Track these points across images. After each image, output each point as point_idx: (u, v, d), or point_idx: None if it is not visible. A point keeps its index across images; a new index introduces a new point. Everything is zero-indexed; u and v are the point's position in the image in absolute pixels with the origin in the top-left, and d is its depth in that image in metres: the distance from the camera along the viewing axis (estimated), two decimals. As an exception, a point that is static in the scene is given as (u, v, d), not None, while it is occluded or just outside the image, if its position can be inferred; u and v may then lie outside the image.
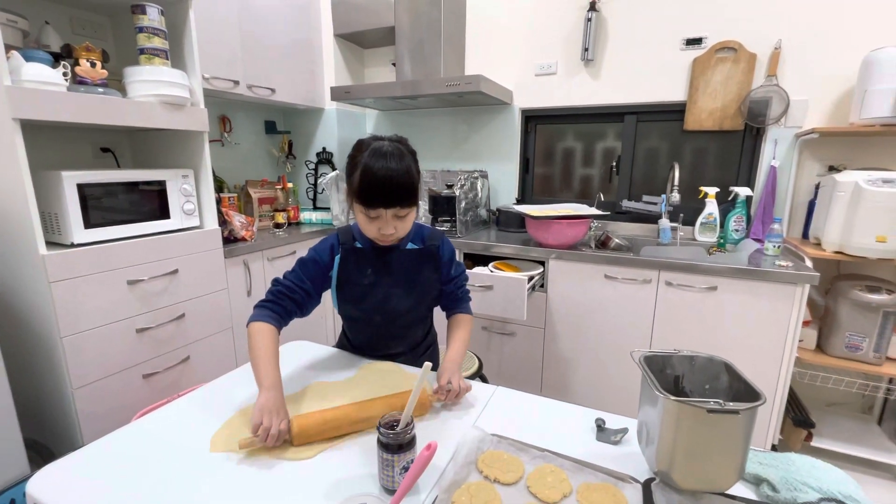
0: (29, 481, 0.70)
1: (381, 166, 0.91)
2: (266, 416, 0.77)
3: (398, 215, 0.95)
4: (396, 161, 0.92)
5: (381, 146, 0.94)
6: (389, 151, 0.93)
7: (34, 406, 1.51)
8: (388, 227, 0.95)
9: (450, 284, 1.14)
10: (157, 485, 0.70)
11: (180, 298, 1.69)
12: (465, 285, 1.18)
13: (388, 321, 1.10)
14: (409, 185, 0.94)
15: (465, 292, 1.18)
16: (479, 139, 2.60)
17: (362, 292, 1.07)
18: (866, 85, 1.66)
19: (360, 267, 1.06)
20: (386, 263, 1.07)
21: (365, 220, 0.96)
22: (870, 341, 1.68)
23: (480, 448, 0.76)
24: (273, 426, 0.75)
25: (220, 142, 2.37)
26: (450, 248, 1.14)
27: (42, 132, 1.63)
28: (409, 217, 0.98)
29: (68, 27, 1.69)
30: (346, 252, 1.06)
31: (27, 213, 1.29)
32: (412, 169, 0.96)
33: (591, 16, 2.13)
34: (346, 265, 1.06)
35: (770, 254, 1.76)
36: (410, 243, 1.09)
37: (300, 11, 2.38)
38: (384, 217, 0.94)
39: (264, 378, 0.85)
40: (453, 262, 1.15)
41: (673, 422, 0.62)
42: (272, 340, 0.93)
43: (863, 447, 1.77)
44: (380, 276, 1.07)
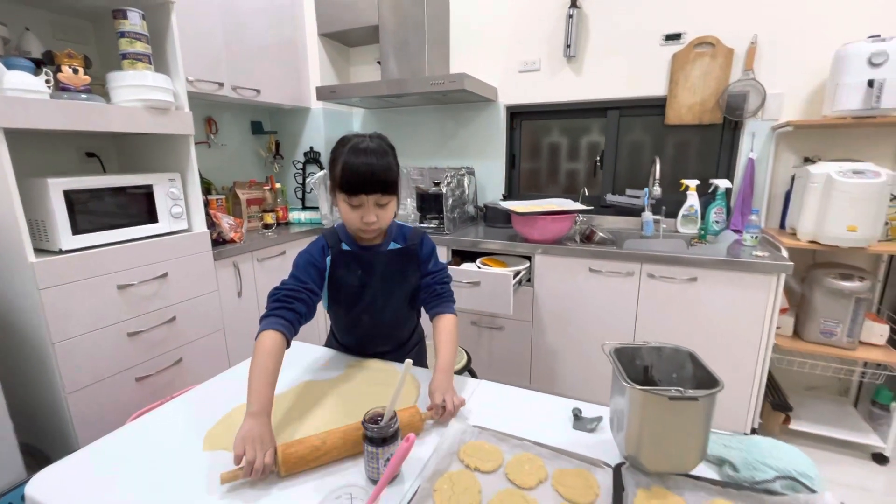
0: (28, 483, 0.72)
1: (361, 157, 0.97)
2: (249, 446, 0.71)
3: (379, 203, 1.00)
4: (376, 152, 0.98)
5: (362, 141, 1.00)
6: (369, 145, 0.99)
7: (29, 411, 1.53)
8: (369, 214, 0.99)
9: (428, 277, 1.13)
10: (153, 484, 0.73)
11: (171, 301, 1.70)
12: (447, 282, 1.16)
13: (374, 321, 1.14)
14: (389, 172, 0.99)
15: (447, 289, 1.15)
16: (465, 136, 2.62)
17: (350, 294, 1.11)
18: (837, 79, 1.71)
19: (350, 269, 1.09)
20: (372, 264, 1.10)
21: (348, 209, 1.01)
22: (843, 327, 1.74)
23: (463, 439, 0.79)
24: (258, 459, 0.70)
25: (207, 143, 2.38)
26: (430, 245, 1.16)
27: (26, 138, 1.63)
28: (389, 206, 1.02)
29: (49, 32, 1.69)
30: (334, 255, 1.09)
31: (14, 221, 1.29)
32: (391, 159, 1.01)
33: (572, 13, 2.15)
34: (336, 267, 1.09)
35: (748, 244, 1.81)
36: (393, 243, 1.12)
37: (283, 11, 2.38)
38: (366, 205, 0.99)
39: (253, 402, 0.79)
40: (433, 258, 1.16)
41: (639, 409, 0.66)
42: (275, 356, 0.87)
43: (839, 429, 1.84)
44: (367, 278, 1.10)
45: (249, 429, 0.74)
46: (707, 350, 1.75)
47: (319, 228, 2.46)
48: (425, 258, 1.15)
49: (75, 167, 1.80)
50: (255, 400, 0.80)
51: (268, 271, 2.16)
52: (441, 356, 1.00)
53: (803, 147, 1.96)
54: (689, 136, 2.22)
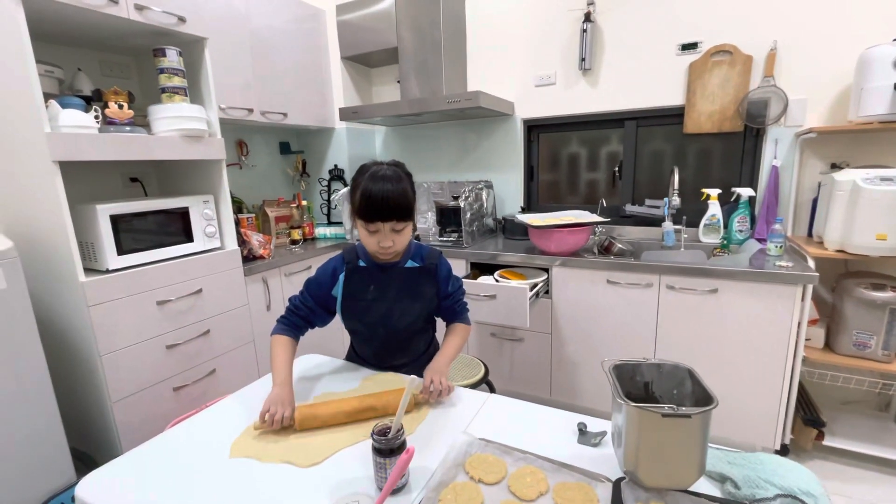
0: (77, 486, 0.81)
1: (378, 186, 1.03)
2: (273, 405, 0.94)
3: (395, 229, 1.06)
4: (392, 181, 1.05)
5: (379, 169, 1.07)
6: (386, 173, 1.05)
7: (78, 418, 1.66)
8: (386, 239, 1.06)
9: (448, 300, 1.23)
10: (186, 488, 0.80)
11: (205, 315, 1.82)
12: (463, 298, 1.27)
13: (390, 334, 1.20)
14: (404, 201, 1.06)
15: (463, 305, 1.26)
16: (484, 150, 2.67)
17: (366, 307, 1.17)
18: (862, 83, 1.66)
19: (364, 284, 1.17)
20: (388, 280, 1.17)
21: (366, 234, 1.08)
22: (878, 339, 1.67)
23: (468, 451, 0.83)
24: (277, 413, 0.92)
25: (238, 165, 2.52)
26: (447, 266, 1.24)
27: (77, 168, 1.78)
28: (405, 231, 1.09)
29: (98, 69, 1.86)
30: (350, 270, 1.17)
31: (67, 244, 1.43)
32: (407, 187, 1.08)
33: (586, 27, 2.18)
34: (350, 283, 1.17)
35: (772, 254, 1.77)
36: (410, 261, 1.19)
37: (308, 37, 2.51)
38: (382, 231, 1.05)
39: (276, 376, 1.04)
40: (450, 279, 1.23)
41: (635, 425, 0.68)
42: (286, 347, 1.11)
43: (878, 446, 1.76)
44: (382, 292, 1.17)
45: (275, 394, 0.97)
46: (731, 363, 1.73)
47: (343, 243, 2.55)
48: (443, 279, 1.22)
49: (120, 192, 1.95)
50: (277, 375, 1.04)
51: (295, 285, 2.26)
52: (444, 348, 1.14)
53: (829, 153, 1.91)
54: (709, 144, 2.19)
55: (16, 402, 1.33)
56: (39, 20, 1.43)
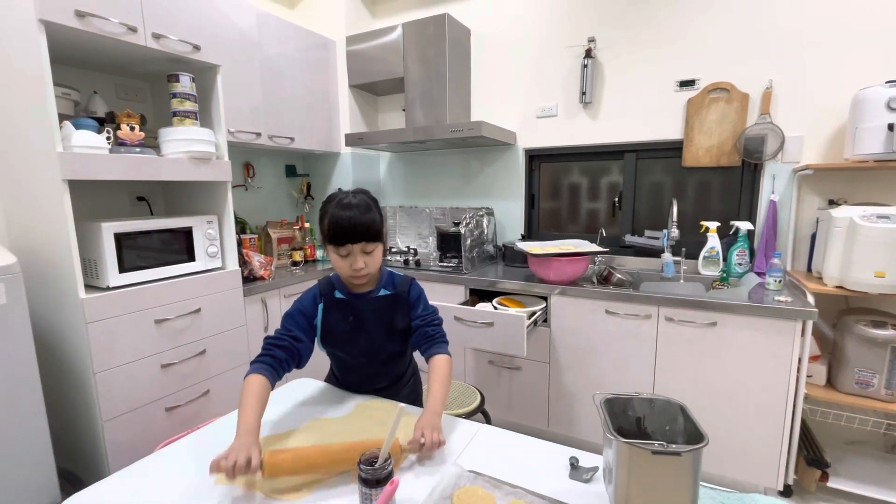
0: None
1: (346, 210, 1.06)
2: (232, 454, 0.80)
3: (365, 250, 1.08)
4: (358, 206, 1.08)
5: (345, 196, 1.10)
6: (352, 200, 1.08)
7: (67, 436, 1.64)
8: (357, 261, 1.08)
9: (418, 321, 1.19)
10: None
11: (202, 335, 1.82)
12: (437, 323, 1.20)
13: (371, 361, 1.21)
14: (371, 221, 1.08)
15: (438, 331, 1.19)
16: (486, 177, 2.71)
17: (346, 339, 1.18)
18: (857, 122, 1.69)
19: (343, 315, 1.17)
20: (364, 310, 1.18)
21: (338, 259, 1.09)
22: (880, 378, 1.65)
23: (457, 484, 0.82)
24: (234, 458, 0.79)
25: (244, 186, 2.56)
26: (417, 290, 1.23)
27: (85, 185, 1.82)
28: (375, 253, 1.10)
29: (113, 92, 1.92)
30: (327, 303, 1.18)
31: (70, 260, 1.45)
32: (372, 209, 1.10)
33: (587, 62, 2.25)
34: (328, 315, 1.18)
35: (771, 288, 1.77)
36: (383, 289, 1.20)
37: (318, 65, 2.60)
38: (353, 253, 1.07)
39: (241, 425, 0.90)
40: (421, 302, 1.22)
41: (625, 462, 0.67)
42: (257, 390, 0.98)
43: (885, 489, 1.71)
44: (360, 323, 1.18)
45: (237, 444, 0.84)
46: (730, 398, 1.70)
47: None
48: (414, 302, 1.21)
49: (127, 209, 1.98)
50: (242, 424, 0.90)
51: (293, 307, 2.26)
52: (432, 396, 1.04)
53: (827, 189, 1.93)
54: (708, 177, 2.22)
55: (5, 418, 1.32)
56: (60, 45, 1.49)
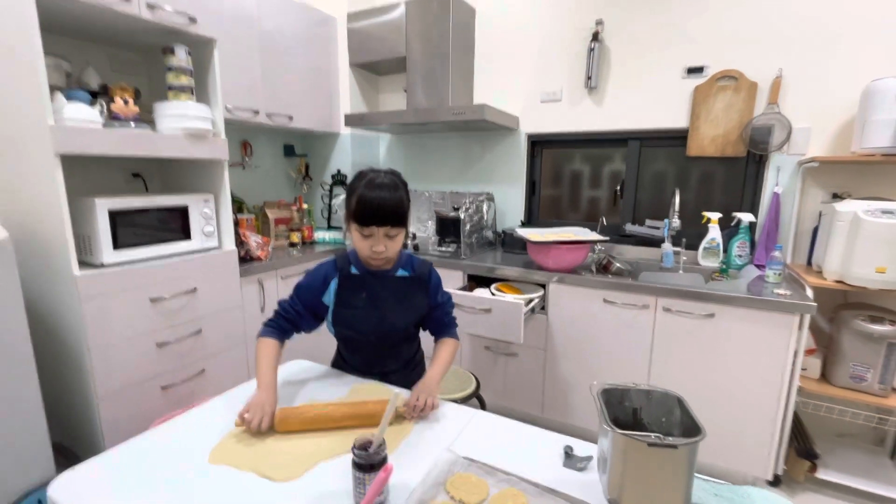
0: (50, 485, 0.79)
1: (376, 191, 1.06)
2: (253, 408, 0.94)
3: (389, 234, 1.08)
4: (389, 187, 1.07)
5: (377, 176, 1.09)
6: (383, 181, 1.08)
7: (62, 412, 1.64)
8: (379, 244, 1.07)
9: (437, 310, 1.23)
10: (161, 492, 0.79)
11: (198, 315, 1.81)
12: (452, 312, 1.27)
13: (381, 342, 1.21)
14: (399, 207, 1.07)
15: (451, 318, 1.26)
16: (487, 162, 2.68)
17: (357, 316, 1.17)
18: (866, 115, 1.66)
19: (356, 291, 1.17)
20: (379, 288, 1.17)
21: (359, 238, 1.09)
22: (874, 372, 1.65)
23: (451, 470, 0.81)
24: (255, 418, 0.92)
25: (241, 165, 2.53)
26: (437, 276, 1.25)
27: (79, 161, 1.77)
28: (398, 238, 1.10)
29: (107, 65, 1.87)
30: (342, 278, 1.18)
31: (63, 237, 1.42)
32: (402, 194, 1.10)
33: (594, 46, 2.19)
34: (342, 290, 1.17)
35: (771, 281, 1.76)
36: (401, 270, 1.20)
37: (318, 42, 2.53)
38: (376, 235, 1.07)
39: (260, 380, 1.04)
40: (440, 289, 1.25)
41: (620, 453, 0.67)
42: (272, 350, 1.11)
43: (872, 481, 1.73)
44: (374, 301, 1.17)
45: (258, 397, 0.98)
46: (725, 390, 1.71)
47: (342, 248, 2.55)
48: (434, 290, 1.23)
49: (122, 186, 1.95)
50: (262, 378, 1.04)
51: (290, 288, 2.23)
52: (433, 366, 1.13)
53: (831, 182, 1.90)
54: (711, 167, 2.19)
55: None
56: (50, 12, 1.44)
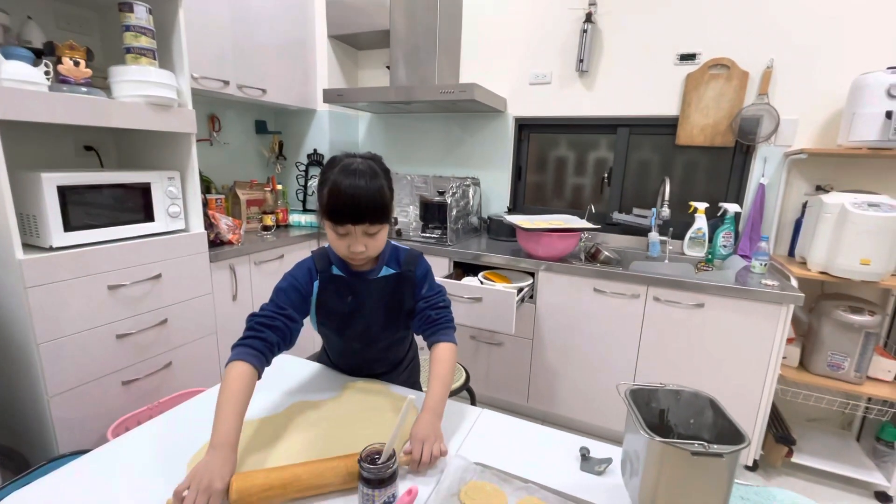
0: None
1: (349, 182, 0.88)
2: (194, 483, 0.66)
3: (368, 232, 0.92)
4: (366, 176, 0.90)
5: (352, 163, 0.92)
6: (359, 168, 0.90)
7: (8, 413, 1.47)
8: (357, 244, 0.92)
9: (422, 302, 1.05)
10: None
11: (163, 303, 1.65)
12: (444, 306, 1.06)
13: (367, 347, 1.09)
14: (379, 200, 0.91)
15: (443, 314, 1.05)
16: (471, 146, 2.59)
17: (342, 321, 1.04)
18: (854, 108, 1.68)
19: (340, 294, 1.02)
20: (365, 291, 1.03)
21: (334, 237, 0.94)
22: (851, 361, 1.70)
23: (464, 478, 0.75)
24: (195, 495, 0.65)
25: (209, 141, 2.33)
26: (424, 267, 1.08)
27: (22, 130, 1.58)
28: (379, 235, 0.95)
29: (52, 22, 1.65)
30: (323, 280, 1.02)
31: (3, 216, 1.25)
32: (383, 184, 0.92)
33: (586, 27, 2.12)
34: (324, 293, 1.02)
35: (757, 272, 1.77)
36: (387, 267, 1.05)
37: (294, 11, 2.35)
38: (353, 234, 0.92)
39: (215, 433, 0.74)
40: (427, 280, 1.07)
41: (657, 461, 0.62)
42: (240, 385, 0.81)
43: (841, 464, 1.80)
44: (359, 305, 1.03)
45: (205, 463, 0.70)
46: (711, 379, 1.72)
47: (319, 232, 2.41)
48: (420, 281, 1.06)
49: (72, 160, 1.75)
50: (218, 430, 0.75)
51: (265, 275, 2.11)
52: (431, 392, 0.91)
53: (816, 175, 1.93)
54: (699, 157, 2.19)
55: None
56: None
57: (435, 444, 0.79)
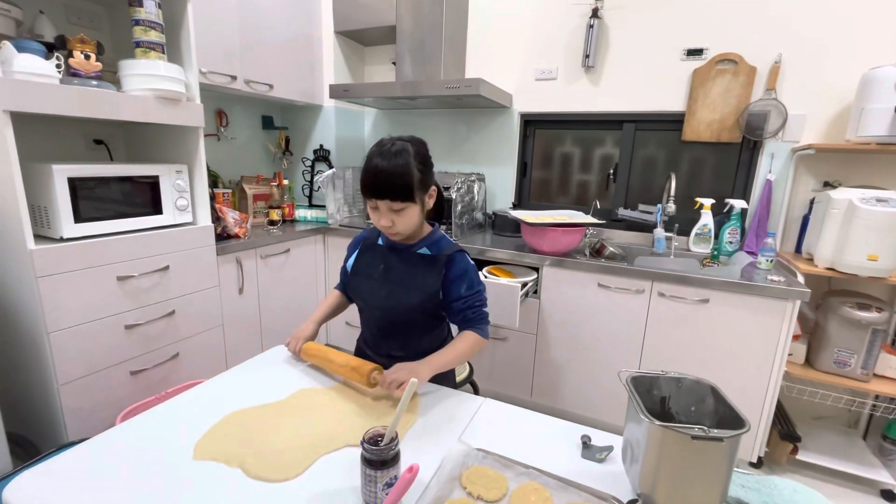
0: (6, 488, 0.69)
1: (377, 160, 0.98)
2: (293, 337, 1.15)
3: (393, 208, 0.98)
4: (393, 156, 0.97)
5: (387, 142, 1.00)
6: (390, 148, 0.98)
7: (19, 401, 1.50)
8: (384, 218, 1.00)
9: (459, 302, 1.08)
10: (138, 495, 0.69)
11: (171, 295, 1.67)
12: (479, 305, 1.10)
13: (386, 319, 1.13)
14: (400, 178, 0.97)
15: (479, 313, 1.10)
16: (477, 141, 2.59)
17: (367, 285, 1.13)
18: (863, 103, 1.66)
19: (373, 261, 1.14)
20: (396, 262, 1.11)
21: (371, 210, 1.03)
22: (858, 358, 1.69)
23: (465, 463, 0.75)
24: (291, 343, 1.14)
25: (216, 136, 2.35)
26: (462, 266, 1.08)
27: (33, 123, 1.60)
28: (406, 212, 1.00)
29: (63, 16, 1.67)
30: (365, 245, 1.17)
31: (16, 207, 1.27)
32: (409, 163, 0.98)
33: (593, 23, 2.12)
34: (361, 257, 1.17)
35: (763, 268, 1.76)
36: (425, 248, 1.09)
37: (301, 7, 2.36)
38: (380, 209, 1.00)
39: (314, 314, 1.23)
40: (463, 280, 1.08)
41: (657, 446, 0.62)
42: (332, 297, 1.28)
43: (847, 462, 1.78)
44: (387, 274, 1.11)
45: (301, 327, 1.18)
46: (716, 374, 1.72)
47: (325, 227, 2.43)
48: (453, 278, 1.07)
49: (82, 153, 1.77)
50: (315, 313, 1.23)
51: (271, 269, 2.13)
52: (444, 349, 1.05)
53: (823, 171, 1.92)
54: (705, 153, 2.17)
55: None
56: (-4, -51, 1.26)
57: (400, 374, 0.94)
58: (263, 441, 0.81)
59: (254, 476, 0.73)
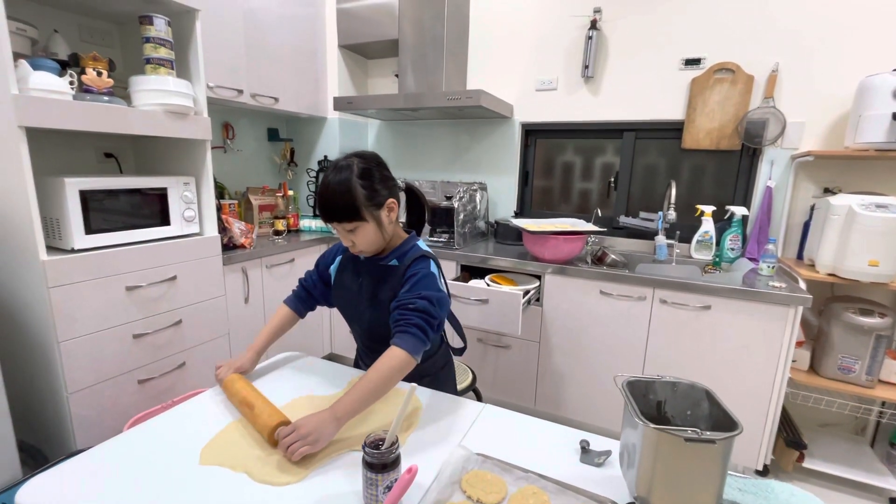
0: (18, 492, 0.71)
1: (323, 182, 0.97)
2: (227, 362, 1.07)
3: (346, 229, 0.98)
4: (335, 177, 0.96)
5: (337, 162, 0.98)
6: (337, 167, 0.97)
7: (28, 409, 1.52)
8: (343, 238, 1.02)
9: (395, 301, 0.98)
10: (147, 499, 0.71)
11: (178, 305, 1.70)
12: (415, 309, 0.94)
13: (366, 333, 1.14)
14: (341, 199, 0.94)
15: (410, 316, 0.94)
16: (479, 151, 2.62)
17: (345, 298, 1.14)
18: (861, 110, 1.68)
19: (351, 273, 1.13)
20: (369, 274, 1.09)
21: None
22: (862, 364, 1.68)
23: (465, 468, 0.77)
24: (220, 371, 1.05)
25: (223, 148, 2.40)
26: (416, 268, 1.01)
27: (46, 137, 1.65)
28: (360, 231, 0.98)
29: (76, 35, 1.73)
30: (345, 258, 1.16)
31: (29, 219, 1.31)
32: (351, 185, 0.94)
33: (591, 34, 2.16)
34: (341, 268, 1.16)
35: (764, 274, 1.77)
36: (395, 259, 1.06)
37: (305, 22, 2.42)
38: (337, 229, 1.00)
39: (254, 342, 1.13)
40: (414, 282, 0.99)
41: (652, 449, 0.63)
42: (278, 317, 1.19)
43: (854, 469, 1.77)
44: (361, 286, 1.10)
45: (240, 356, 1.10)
46: (719, 381, 1.72)
47: (329, 237, 2.46)
48: (406, 280, 1.00)
49: (93, 166, 1.82)
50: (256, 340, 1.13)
51: (276, 278, 2.16)
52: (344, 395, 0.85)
53: (823, 177, 1.93)
54: (705, 160, 2.19)
55: (-43, 389, 1.20)
56: (14, -28, 1.31)
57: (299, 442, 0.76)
58: (268, 446, 0.83)
59: (259, 480, 0.75)
